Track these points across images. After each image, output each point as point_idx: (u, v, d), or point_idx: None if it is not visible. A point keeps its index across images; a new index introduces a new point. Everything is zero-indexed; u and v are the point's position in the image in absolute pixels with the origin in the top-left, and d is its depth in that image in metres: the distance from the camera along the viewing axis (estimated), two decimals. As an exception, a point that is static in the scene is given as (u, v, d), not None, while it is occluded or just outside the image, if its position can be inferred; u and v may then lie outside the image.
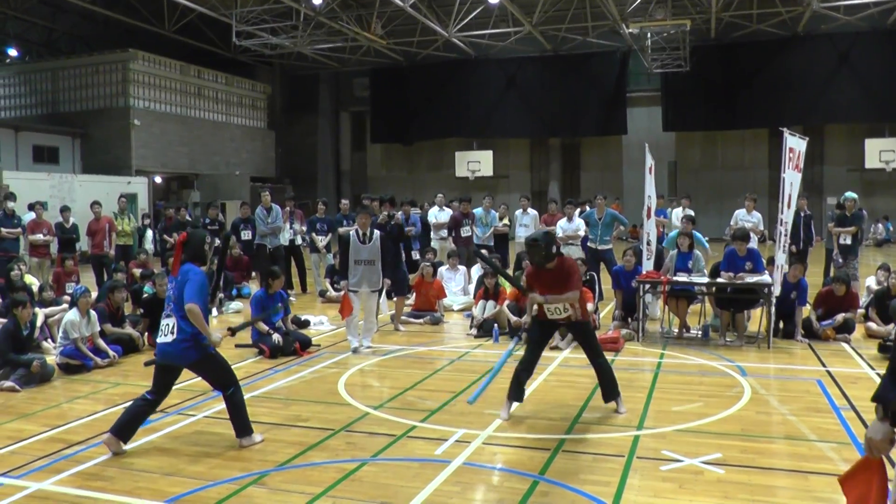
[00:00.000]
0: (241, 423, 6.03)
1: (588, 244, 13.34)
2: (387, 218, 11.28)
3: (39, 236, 14.10)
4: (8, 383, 8.05)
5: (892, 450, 3.01)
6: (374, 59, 32.00)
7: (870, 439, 3.01)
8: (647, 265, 11.01)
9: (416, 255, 13.90)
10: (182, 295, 5.75)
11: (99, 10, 25.84)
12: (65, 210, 14.83)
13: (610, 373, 6.93)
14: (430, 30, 27.68)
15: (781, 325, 10.17)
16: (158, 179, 28.41)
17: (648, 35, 25.70)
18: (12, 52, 30.59)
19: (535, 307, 6.79)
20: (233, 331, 6.31)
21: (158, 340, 5.96)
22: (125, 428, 5.86)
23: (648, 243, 11.30)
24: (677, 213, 15.47)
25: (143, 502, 4.91)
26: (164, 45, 28.15)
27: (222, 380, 6.05)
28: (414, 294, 12.36)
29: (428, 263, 12.51)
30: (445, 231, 14.84)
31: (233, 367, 8.47)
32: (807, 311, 10.34)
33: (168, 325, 5.86)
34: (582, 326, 6.92)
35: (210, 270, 6.84)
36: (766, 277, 9.71)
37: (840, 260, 12.81)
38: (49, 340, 9.91)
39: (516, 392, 6.76)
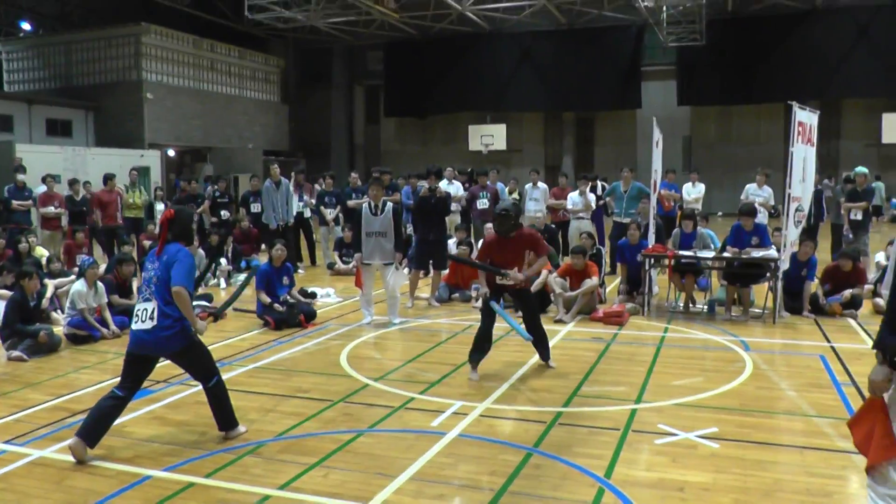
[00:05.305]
0: (225, 416, 5.58)
1: (613, 217, 13.33)
2: (429, 191, 11.20)
3: (51, 209, 14.19)
4: (16, 353, 8.17)
5: (890, 389, 3.42)
6: (387, 32, 31.81)
7: (872, 381, 3.42)
8: (652, 239, 10.96)
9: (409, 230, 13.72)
10: (168, 277, 5.24)
11: (112, -17, 25.87)
12: (74, 183, 14.91)
13: (544, 338, 7.53)
14: (444, 3, 27.44)
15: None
16: (172, 153, 28.46)
17: (664, 8, 25.37)
18: (25, 26, 30.61)
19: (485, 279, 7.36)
20: (215, 316, 5.84)
21: (134, 327, 5.34)
22: (94, 430, 5.22)
23: (655, 217, 11.26)
24: (688, 188, 15.41)
25: (141, 471, 4.98)
26: (177, 19, 28.12)
27: (205, 370, 5.53)
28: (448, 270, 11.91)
29: (464, 245, 12.20)
30: (455, 204, 14.78)
31: (237, 338, 8.60)
32: (814, 286, 10.27)
33: (147, 310, 5.27)
34: (524, 293, 7.51)
35: (211, 246, 6.69)
36: (772, 252, 9.66)
37: (850, 235, 12.71)
38: (58, 311, 10.01)
39: (479, 355, 7.26)
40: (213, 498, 4.58)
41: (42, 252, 12.12)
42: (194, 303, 10.23)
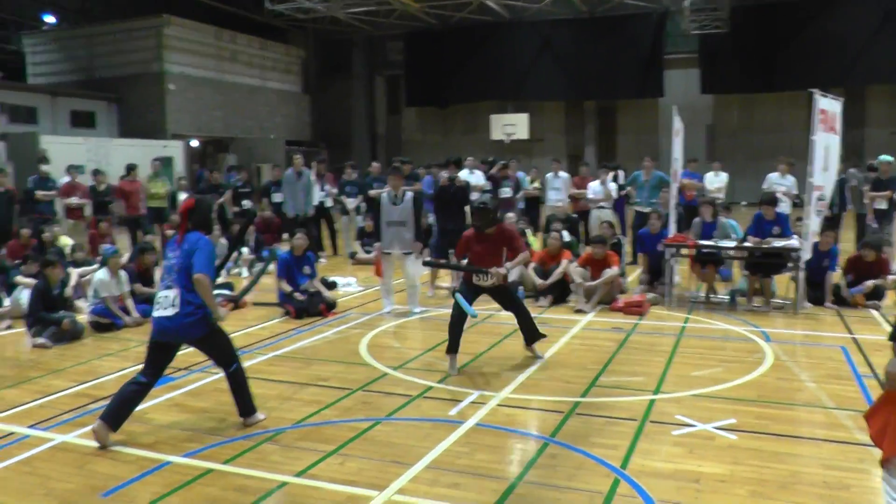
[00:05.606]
0: (244, 402, 5.66)
1: (635, 207, 13.30)
2: (448, 181, 11.20)
3: (74, 199, 14.32)
4: (40, 340, 8.32)
5: None
6: (408, 22, 31.73)
7: (888, 373, 3.31)
8: (673, 229, 10.91)
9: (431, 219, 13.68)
10: (189, 264, 5.32)
11: (133, -25, 25.97)
12: (97, 173, 15.04)
13: (528, 318, 7.47)
14: (464, -8, 27.38)
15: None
16: (195, 143, 28.61)
17: (686, -5, 25.17)
18: (49, 19, 30.80)
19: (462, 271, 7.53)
20: (234, 301, 5.93)
21: (156, 314, 5.42)
22: (117, 414, 5.32)
23: (676, 206, 11.21)
24: (710, 178, 15.28)
25: (161, 456, 5.05)
26: (198, 11, 28.15)
27: (226, 356, 5.63)
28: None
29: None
30: (476, 193, 14.74)
31: (258, 327, 8.68)
32: (837, 276, 10.18)
33: (168, 297, 5.36)
34: (501, 289, 7.38)
35: (232, 235, 6.68)
36: (793, 242, 9.58)
37: (875, 225, 12.57)
38: (82, 299, 10.13)
39: (454, 345, 7.17)
40: (230, 484, 4.63)
41: (66, 241, 12.25)
42: (215, 291, 10.39)
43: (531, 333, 7.48)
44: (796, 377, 6.85)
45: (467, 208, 12.51)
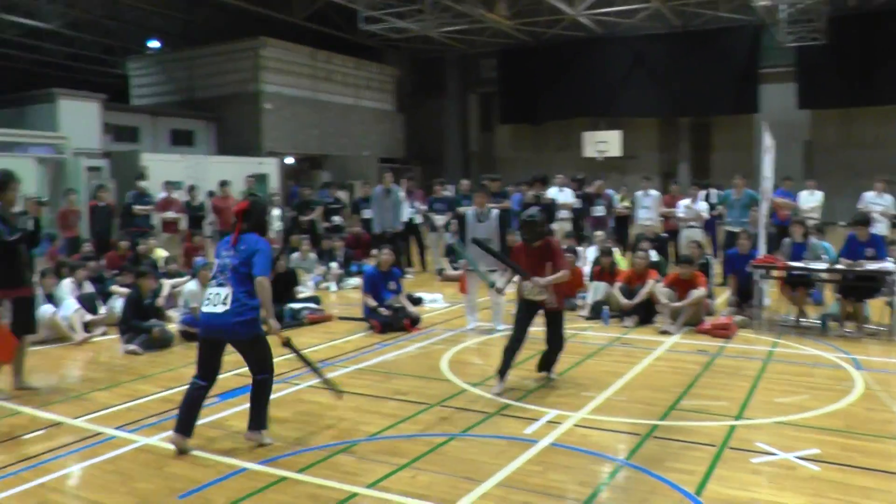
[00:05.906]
0: (259, 414, 5.59)
1: (725, 227, 13.02)
2: (534, 198, 11.22)
3: (169, 213, 14.92)
4: (132, 347, 8.72)
5: None
6: (500, 39, 31.86)
7: None
8: (763, 249, 10.61)
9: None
10: (245, 265, 5.35)
11: (232, 2, 26.74)
12: (192, 189, 15.62)
13: (555, 356, 7.45)
14: (557, 9, 27.25)
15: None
16: (289, 160, 29.31)
17: (782, 7, 24.44)
18: (154, 44, 32.09)
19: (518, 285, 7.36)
20: (288, 341, 5.72)
21: (205, 310, 5.41)
22: (187, 421, 5.44)
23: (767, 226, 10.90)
24: (805, 196, 14.80)
25: (238, 462, 5.21)
26: (294, 33, 28.91)
27: (262, 363, 5.55)
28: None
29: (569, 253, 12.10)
30: (565, 212, 14.66)
31: (342, 340, 8.86)
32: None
33: (220, 294, 5.34)
34: (554, 314, 7.33)
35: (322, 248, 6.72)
36: (888, 264, 9.16)
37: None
38: (174, 309, 10.52)
39: (504, 370, 7.08)
40: (302, 492, 4.72)
41: (161, 254, 12.75)
42: (302, 305, 10.67)
43: (547, 364, 7.52)
44: (887, 408, 6.52)
45: (554, 226, 12.49)
